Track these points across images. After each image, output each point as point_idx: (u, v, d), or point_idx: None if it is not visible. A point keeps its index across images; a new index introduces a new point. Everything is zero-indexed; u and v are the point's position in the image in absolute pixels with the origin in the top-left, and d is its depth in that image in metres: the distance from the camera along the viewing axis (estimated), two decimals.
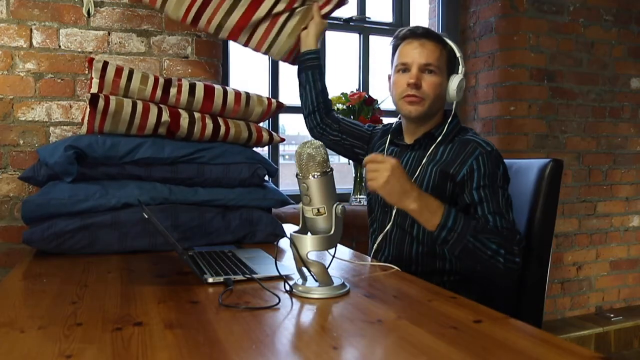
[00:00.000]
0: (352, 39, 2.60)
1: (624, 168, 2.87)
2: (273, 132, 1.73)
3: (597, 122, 2.78)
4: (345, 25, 2.55)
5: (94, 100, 1.47)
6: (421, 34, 1.41)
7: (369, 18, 2.58)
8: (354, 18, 2.54)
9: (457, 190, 1.35)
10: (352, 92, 2.31)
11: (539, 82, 2.62)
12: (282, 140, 1.78)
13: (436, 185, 1.36)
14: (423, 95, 1.38)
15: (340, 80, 2.63)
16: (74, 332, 0.78)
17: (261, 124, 1.75)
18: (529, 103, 2.60)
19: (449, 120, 1.43)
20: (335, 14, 2.50)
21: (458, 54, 1.43)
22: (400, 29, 1.47)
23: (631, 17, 2.84)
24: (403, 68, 1.41)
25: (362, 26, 2.57)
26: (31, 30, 1.83)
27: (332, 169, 1.18)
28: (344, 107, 2.26)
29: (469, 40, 2.77)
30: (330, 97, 2.29)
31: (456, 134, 1.42)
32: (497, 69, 2.62)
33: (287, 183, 2.45)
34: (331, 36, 2.53)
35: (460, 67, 1.43)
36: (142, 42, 1.95)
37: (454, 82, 1.41)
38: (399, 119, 1.55)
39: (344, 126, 1.69)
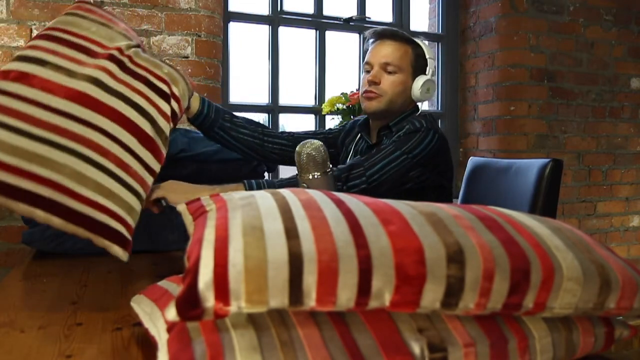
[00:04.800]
0: (352, 39, 2.61)
1: (624, 168, 2.87)
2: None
3: (597, 122, 2.78)
4: (345, 25, 2.55)
5: None
6: (383, 33, 1.45)
7: (369, 18, 2.58)
8: (353, 18, 2.54)
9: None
10: (352, 92, 2.31)
11: (539, 82, 2.62)
12: None
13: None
14: (380, 92, 1.41)
15: (340, 80, 2.63)
16: (74, 332, 0.78)
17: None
18: (529, 103, 2.60)
19: (405, 113, 1.45)
20: (335, 13, 2.52)
21: (427, 55, 1.45)
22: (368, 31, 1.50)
23: (631, 17, 2.83)
24: (367, 68, 1.45)
25: (362, 26, 2.57)
26: (31, 30, 1.82)
27: (331, 169, 1.18)
28: (344, 107, 2.26)
29: (469, 40, 2.77)
30: (330, 97, 2.32)
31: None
32: (497, 69, 2.62)
33: None
34: (331, 36, 2.53)
35: (428, 68, 1.45)
36: (142, 42, 1.95)
37: (419, 82, 1.43)
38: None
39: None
